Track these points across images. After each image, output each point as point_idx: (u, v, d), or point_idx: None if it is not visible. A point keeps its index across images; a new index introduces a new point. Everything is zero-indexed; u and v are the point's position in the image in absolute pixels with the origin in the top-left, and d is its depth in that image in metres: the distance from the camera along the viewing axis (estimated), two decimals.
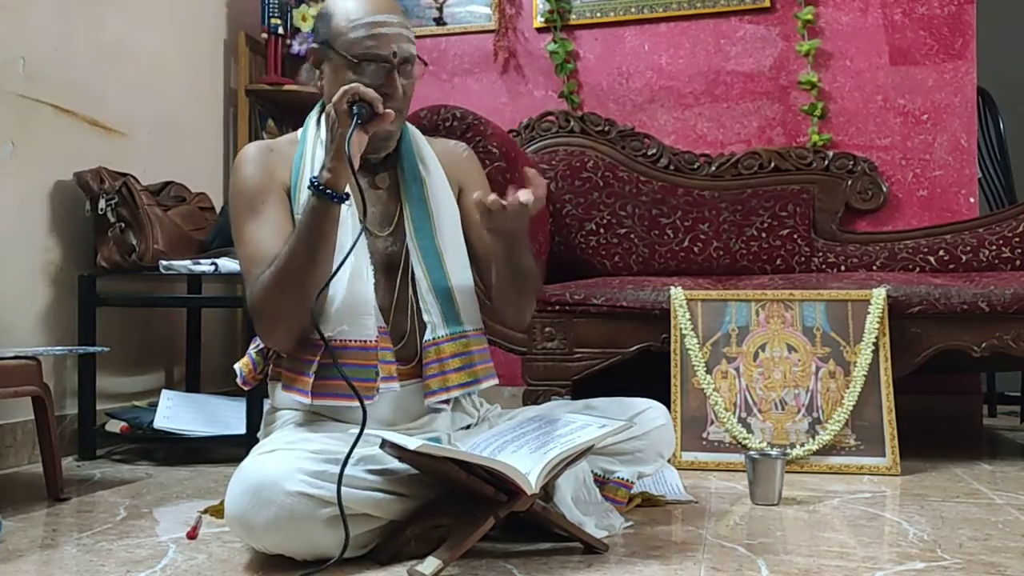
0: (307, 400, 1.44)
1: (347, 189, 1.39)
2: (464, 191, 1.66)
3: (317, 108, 1.60)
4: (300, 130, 1.60)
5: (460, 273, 1.59)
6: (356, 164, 1.36)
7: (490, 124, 2.42)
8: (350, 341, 1.45)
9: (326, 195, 1.36)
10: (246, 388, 1.59)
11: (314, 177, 1.38)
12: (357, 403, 1.31)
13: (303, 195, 1.47)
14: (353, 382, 1.34)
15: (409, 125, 1.64)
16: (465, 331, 1.57)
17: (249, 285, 1.46)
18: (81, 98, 2.48)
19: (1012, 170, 3.63)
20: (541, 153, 3.00)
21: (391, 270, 1.56)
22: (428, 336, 1.54)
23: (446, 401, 1.55)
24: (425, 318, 1.54)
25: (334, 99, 1.37)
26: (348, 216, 1.46)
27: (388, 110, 1.38)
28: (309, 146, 1.55)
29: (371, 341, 1.46)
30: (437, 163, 1.64)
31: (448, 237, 1.59)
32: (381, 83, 1.46)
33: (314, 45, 1.55)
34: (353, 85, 1.36)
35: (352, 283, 1.45)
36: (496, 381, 1.61)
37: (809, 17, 3.00)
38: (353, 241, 1.38)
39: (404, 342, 1.54)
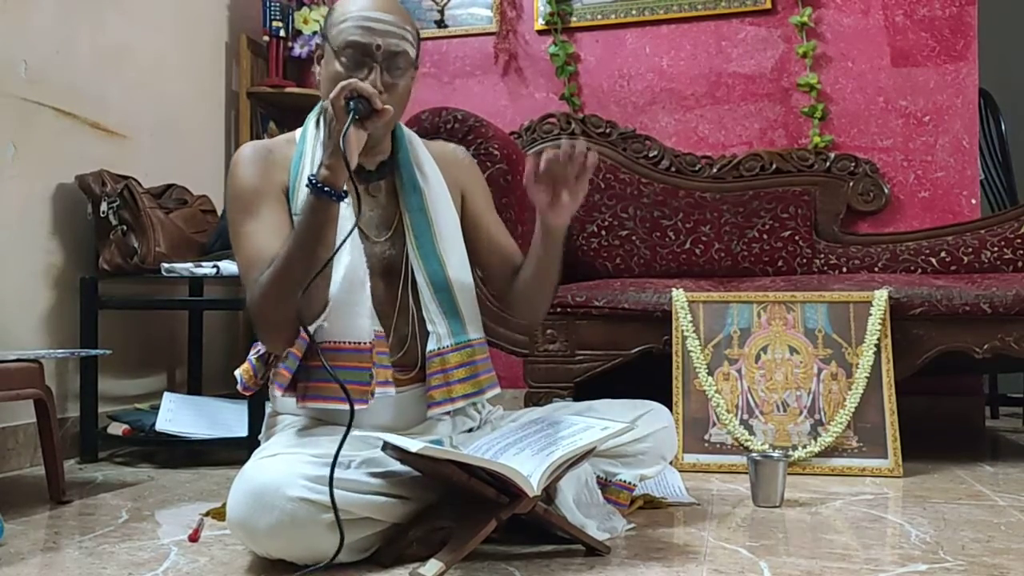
0: (282, 395, 1.42)
1: (345, 187, 1.37)
2: (467, 197, 1.66)
3: (316, 109, 1.59)
4: (298, 130, 1.59)
5: (463, 281, 1.57)
6: (354, 161, 1.34)
7: (491, 126, 2.42)
8: (344, 343, 1.42)
9: (324, 192, 1.33)
10: (247, 394, 1.58)
11: (312, 175, 1.36)
12: (347, 406, 1.28)
13: (301, 196, 1.46)
14: (347, 385, 1.32)
15: (406, 129, 1.63)
16: (470, 340, 1.56)
17: (248, 288, 1.45)
18: (83, 101, 2.48)
19: (1013, 171, 3.63)
20: None
21: (391, 275, 1.54)
22: (433, 346, 1.52)
23: (448, 412, 1.55)
24: (429, 328, 1.53)
25: (331, 95, 1.34)
26: (345, 216, 1.43)
27: (386, 106, 1.37)
28: (308, 147, 1.53)
29: (365, 343, 1.43)
30: (436, 169, 1.62)
31: (449, 244, 1.57)
32: (363, 75, 1.43)
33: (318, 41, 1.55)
34: (351, 81, 1.35)
35: (347, 285, 1.43)
36: (498, 389, 1.60)
37: (805, 20, 2.99)
38: (346, 235, 1.34)
39: (405, 349, 1.53)
